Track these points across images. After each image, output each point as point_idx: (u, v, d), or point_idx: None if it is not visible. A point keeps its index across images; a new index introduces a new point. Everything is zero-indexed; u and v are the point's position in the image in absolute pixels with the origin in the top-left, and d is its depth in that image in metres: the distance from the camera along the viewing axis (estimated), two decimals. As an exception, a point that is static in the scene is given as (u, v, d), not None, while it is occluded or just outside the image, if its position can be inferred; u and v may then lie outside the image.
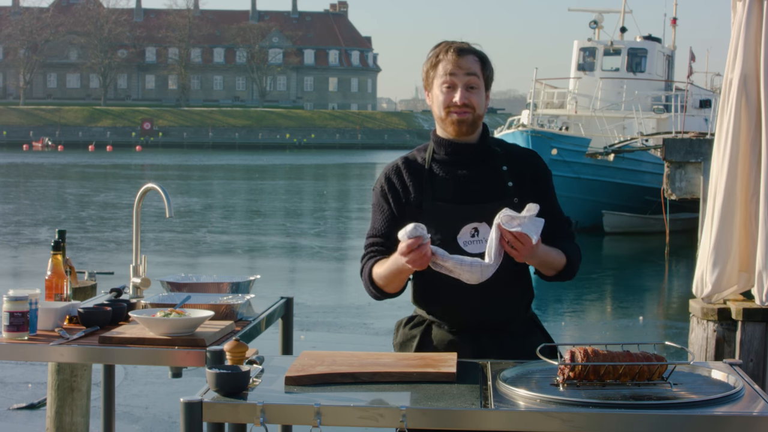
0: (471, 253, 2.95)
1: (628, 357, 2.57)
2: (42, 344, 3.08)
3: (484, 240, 2.96)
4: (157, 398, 7.22)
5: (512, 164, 3.08)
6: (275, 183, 38.16)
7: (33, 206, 25.95)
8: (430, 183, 3.05)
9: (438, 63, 3.05)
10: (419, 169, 3.08)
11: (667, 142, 17.42)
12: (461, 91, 3.01)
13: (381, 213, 3.09)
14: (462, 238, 3.00)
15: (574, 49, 27.80)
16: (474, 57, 3.05)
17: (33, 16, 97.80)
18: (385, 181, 3.10)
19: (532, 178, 3.09)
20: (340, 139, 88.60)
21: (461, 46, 3.05)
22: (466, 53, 3.04)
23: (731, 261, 4.94)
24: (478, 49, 3.10)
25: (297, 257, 16.77)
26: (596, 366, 2.53)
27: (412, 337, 3.11)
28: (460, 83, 3.01)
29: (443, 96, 3.03)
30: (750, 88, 4.88)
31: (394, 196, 3.07)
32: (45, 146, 74.37)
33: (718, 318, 5.04)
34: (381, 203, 3.09)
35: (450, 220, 3.00)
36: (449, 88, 3.02)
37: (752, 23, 4.87)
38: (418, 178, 3.06)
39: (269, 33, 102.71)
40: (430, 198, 3.02)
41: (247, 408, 2.41)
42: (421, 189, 3.04)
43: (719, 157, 5.02)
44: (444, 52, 3.04)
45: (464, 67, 3.01)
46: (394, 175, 3.09)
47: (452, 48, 3.04)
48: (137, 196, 3.86)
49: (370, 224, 3.13)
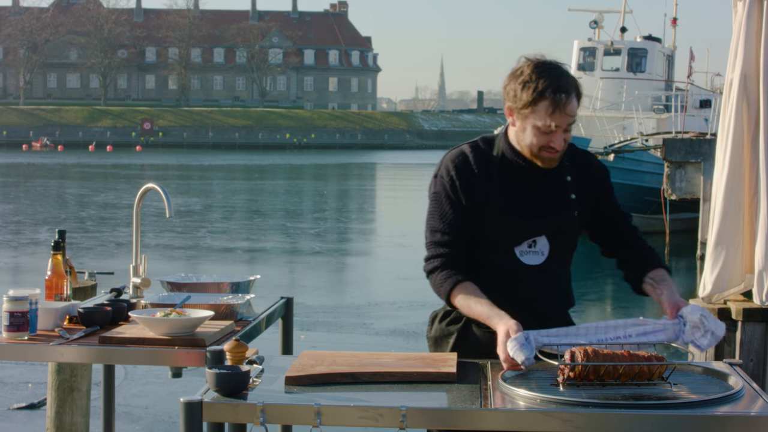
0: (527, 264, 2.98)
1: (628, 357, 2.57)
2: (42, 344, 3.08)
3: (540, 252, 2.99)
4: (157, 398, 7.22)
5: (575, 173, 3.04)
6: (275, 183, 38.16)
7: (33, 206, 25.96)
8: (498, 191, 2.96)
9: (540, 102, 2.84)
10: (488, 170, 2.98)
11: (667, 142, 17.44)
12: (559, 138, 2.90)
13: (451, 206, 2.96)
14: (519, 249, 3.00)
15: (574, 49, 27.81)
16: (575, 95, 2.88)
17: (33, 16, 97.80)
18: (455, 171, 2.97)
19: (593, 186, 3.07)
20: (340, 139, 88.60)
21: (567, 87, 2.85)
22: (570, 94, 2.86)
23: (733, 261, 4.94)
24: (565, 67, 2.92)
25: (297, 257, 16.76)
26: (596, 366, 2.53)
27: (449, 334, 3.05)
28: (563, 127, 2.88)
29: (538, 138, 2.90)
30: (750, 87, 4.88)
31: (463, 191, 2.96)
32: (43, 146, 74.36)
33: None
34: (450, 195, 2.96)
35: (513, 234, 2.98)
36: (548, 132, 2.88)
37: (752, 23, 4.87)
38: (487, 180, 2.97)
39: (269, 33, 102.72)
40: (496, 210, 2.95)
41: (247, 408, 2.41)
42: (488, 193, 2.96)
43: (720, 157, 5.02)
44: (551, 92, 2.83)
45: (569, 112, 2.86)
46: (464, 168, 2.97)
47: (561, 92, 2.83)
48: (137, 196, 3.86)
49: (437, 216, 2.97)
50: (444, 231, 2.96)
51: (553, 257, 3.02)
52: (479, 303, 2.86)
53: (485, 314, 2.83)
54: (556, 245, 3.02)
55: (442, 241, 2.96)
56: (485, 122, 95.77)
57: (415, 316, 10.87)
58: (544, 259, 3.01)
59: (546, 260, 3.01)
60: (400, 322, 10.54)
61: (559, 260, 3.04)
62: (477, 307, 2.86)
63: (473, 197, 2.96)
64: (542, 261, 3.00)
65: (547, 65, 2.88)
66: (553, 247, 3.01)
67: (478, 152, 3.01)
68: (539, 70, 2.86)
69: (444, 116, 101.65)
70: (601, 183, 3.09)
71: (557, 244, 3.02)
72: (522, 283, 2.99)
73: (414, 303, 11.70)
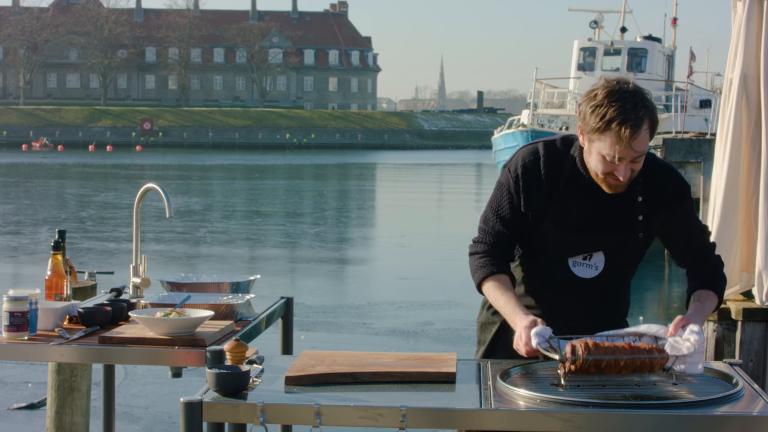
0: (578, 276, 2.95)
1: (629, 349, 2.56)
2: (42, 344, 3.08)
3: (595, 266, 2.95)
4: (157, 398, 7.21)
5: (649, 194, 2.93)
6: (275, 183, 38.15)
7: (33, 206, 25.95)
8: (560, 202, 2.92)
9: (606, 132, 2.74)
10: (555, 178, 2.92)
11: (667, 142, 17.46)
12: (627, 168, 2.78)
13: (509, 201, 2.95)
14: (573, 259, 2.97)
15: (574, 49, 27.82)
16: (646, 127, 2.74)
17: (33, 16, 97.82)
18: (522, 171, 2.93)
19: (668, 207, 2.95)
20: (340, 139, 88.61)
21: (637, 121, 2.71)
22: (639, 129, 2.71)
23: (732, 261, 4.94)
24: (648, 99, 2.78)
25: (297, 257, 16.76)
26: (597, 360, 2.52)
27: (493, 322, 3.08)
28: (628, 160, 2.77)
29: (603, 165, 2.80)
30: (750, 87, 4.88)
31: (526, 193, 2.93)
32: (43, 146, 74.36)
33: (718, 318, 5.04)
34: (512, 192, 2.94)
35: (569, 245, 2.95)
36: (612, 161, 2.78)
37: (752, 23, 4.86)
38: (551, 188, 2.92)
39: (269, 33, 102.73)
40: (556, 220, 2.92)
41: (247, 408, 2.41)
42: (550, 201, 2.92)
43: (720, 157, 5.02)
44: (618, 124, 2.71)
45: (636, 148, 2.73)
46: (532, 169, 2.92)
47: (627, 126, 2.70)
48: (137, 196, 3.86)
49: (495, 206, 2.97)
50: (495, 222, 2.97)
51: (608, 273, 2.97)
52: (505, 297, 2.87)
53: (508, 309, 2.84)
54: (613, 262, 2.97)
55: (492, 231, 2.97)
56: (485, 122, 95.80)
57: (415, 316, 10.87)
58: (598, 273, 2.97)
59: (599, 275, 2.97)
60: (400, 322, 10.53)
61: (614, 276, 2.99)
62: (501, 300, 2.88)
63: (533, 201, 2.93)
64: (595, 275, 2.96)
65: (623, 93, 2.75)
66: (610, 263, 2.96)
67: (552, 156, 2.94)
68: (612, 98, 2.74)
69: (444, 116, 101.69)
70: (674, 203, 2.96)
71: (615, 260, 2.97)
72: (569, 294, 2.97)
73: (414, 303, 11.70)
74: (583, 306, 2.97)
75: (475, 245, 3.01)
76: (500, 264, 2.95)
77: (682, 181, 2.99)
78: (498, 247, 2.96)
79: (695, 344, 2.61)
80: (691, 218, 3.01)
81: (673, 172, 2.99)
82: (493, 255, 2.96)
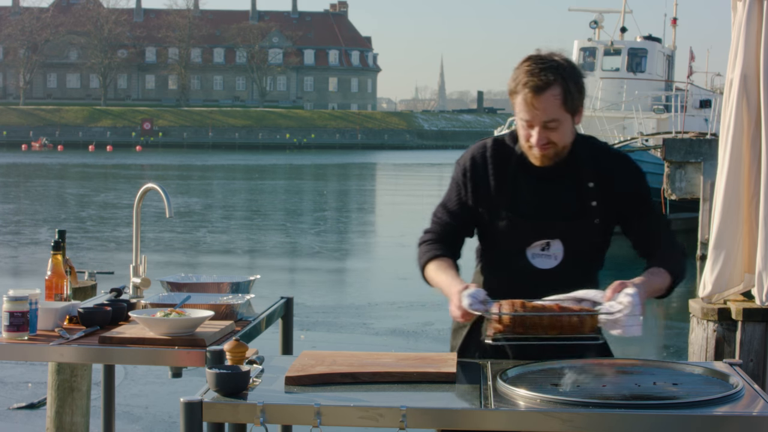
0: (538, 267, 2.95)
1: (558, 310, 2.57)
2: (42, 344, 3.08)
3: (554, 256, 2.94)
4: (157, 398, 7.22)
5: (601, 180, 2.94)
6: (275, 183, 38.15)
7: (33, 206, 25.95)
8: (512, 189, 2.95)
9: (516, 95, 2.84)
10: (504, 169, 2.96)
11: (667, 142, 17.45)
12: (539, 133, 2.83)
13: (457, 194, 3.01)
14: (531, 251, 2.96)
15: (574, 49, 27.81)
16: (554, 92, 2.79)
17: (33, 16, 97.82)
18: (470, 164, 3.00)
19: (624, 194, 2.96)
20: (340, 139, 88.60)
21: (538, 82, 2.77)
22: (543, 90, 2.78)
23: (733, 261, 4.94)
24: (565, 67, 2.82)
25: (297, 257, 16.76)
26: (522, 318, 2.53)
27: (463, 326, 3.08)
28: (537, 123, 2.82)
29: (523, 131, 2.88)
30: (750, 87, 4.88)
31: (473, 186, 2.98)
32: (42, 146, 74.35)
33: (718, 318, 5.04)
34: (460, 185, 3.01)
35: (524, 234, 2.95)
36: (528, 125, 2.85)
37: (752, 23, 4.87)
38: (502, 174, 2.96)
39: (269, 33, 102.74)
40: (507, 209, 2.94)
41: (247, 408, 2.41)
42: (502, 190, 2.95)
43: (721, 157, 5.02)
44: (522, 84, 2.80)
45: (540, 108, 2.79)
46: (481, 163, 2.98)
47: (528, 86, 2.78)
48: (137, 196, 3.86)
49: (445, 198, 3.05)
50: (443, 214, 3.04)
51: (568, 262, 2.96)
52: (444, 274, 2.91)
53: (446, 284, 2.87)
54: (572, 250, 2.96)
55: (439, 222, 3.05)
56: (485, 122, 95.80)
57: (415, 316, 10.87)
58: (558, 263, 2.96)
59: (559, 264, 2.96)
60: (400, 322, 10.54)
61: (576, 265, 2.97)
62: (440, 278, 2.91)
63: (483, 193, 2.97)
64: (555, 265, 2.96)
65: (538, 59, 2.82)
66: (569, 252, 2.96)
67: (500, 149, 2.99)
68: (526, 62, 2.83)
69: (444, 116, 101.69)
70: (627, 191, 2.97)
71: (573, 249, 2.96)
72: (531, 286, 2.94)
73: (414, 303, 11.70)
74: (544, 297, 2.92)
75: (423, 236, 3.07)
76: (444, 249, 2.99)
77: (636, 170, 3.01)
78: (444, 236, 3.02)
79: (628, 306, 2.57)
80: (647, 208, 3.01)
81: (625, 160, 3.01)
82: (438, 242, 3.02)
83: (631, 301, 2.59)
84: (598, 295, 2.68)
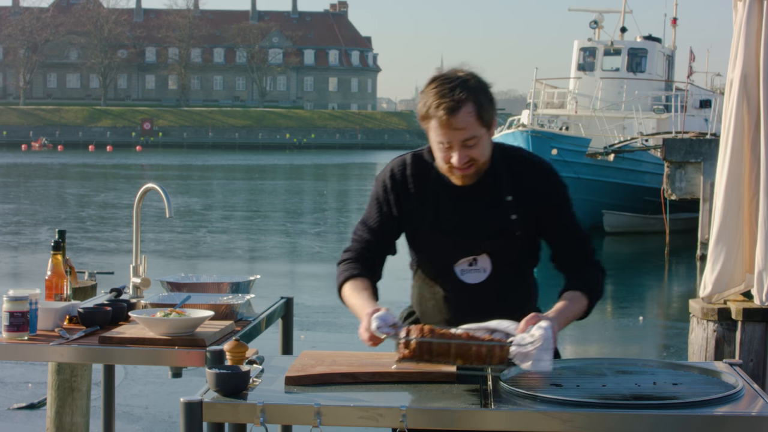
0: (468, 282, 2.93)
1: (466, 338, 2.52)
2: (42, 344, 3.08)
3: (482, 269, 2.92)
4: (157, 398, 7.21)
5: (519, 191, 2.88)
6: (275, 183, 38.15)
7: (33, 206, 25.95)
8: (434, 207, 2.91)
9: (430, 118, 2.76)
10: (424, 185, 2.91)
11: (667, 142, 17.44)
12: (459, 153, 2.77)
13: (378, 210, 2.96)
14: (459, 267, 2.94)
15: (574, 49, 27.81)
16: (468, 109, 2.72)
17: (33, 16, 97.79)
18: (390, 178, 2.94)
19: (541, 205, 2.90)
20: (340, 139, 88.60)
21: (451, 103, 2.71)
22: (457, 110, 2.71)
23: (733, 261, 4.94)
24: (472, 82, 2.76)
25: (297, 257, 16.76)
26: (430, 344, 2.49)
27: None
28: (456, 144, 2.76)
29: (441, 153, 2.80)
30: (750, 87, 4.89)
31: (395, 198, 2.93)
32: (42, 146, 74.34)
33: (718, 318, 5.04)
34: (380, 200, 2.95)
35: (450, 251, 2.92)
36: (446, 148, 2.78)
37: (752, 23, 4.87)
38: (422, 192, 2.92)
39: (269, 33, 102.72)
40: (429, 226, 2.91)
41: (247, 408, 2.41)
42: (423, 209, 2.91)
43: (721, 157, 5.02)
44: (435, 107, 2.73)
45: (457, 127, 2.73)
46: (399, 176, 2.93)
47: (442, 108, 2.71)
48: (137, 196, 3.86)
49: (365, 217, 3.00)
50: (364, 232, 2.99)
51: (497, 274, 2.93)
52: (359, 295, 2.87)
53: (359, 306, 2.83)
54: (500, 263, 2.93)
55: (359, 240, 2.99)
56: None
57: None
58: (486, 276, 2.93)
59: (489, 277, 2.93)
60: (400, 322, 10.52)
61: (506, 276, 2.95)
62: (354, 299, 2.88)
63: (405, 210, 2.93)
64: (484, 278, 2.93)
65: (444, 78, 2.75)
66: (497, 264, 2.93)
67: (418, 164, 2.93)
68: (433, 84, 2.76)
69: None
70: (545, 202, 2.90)
71: (501, 261, 2.93)
72: (463, 302, 2.94)
73: (414, 303, 11.68)
74: (480, 313, 2.89)
75: (342, 254, 3.02)
76: (363, 269, 2.94)
77: (554, 181, 2.93)
78: (364, 255, 2.97)
79: (539, 339, 2.53)
80: (566, 219, 2.94)
81: (543, 171, 2.93)
82: (358, 261, 2.96)
83: (543, 334, 2.54)
84: (512, 327, 2.62)
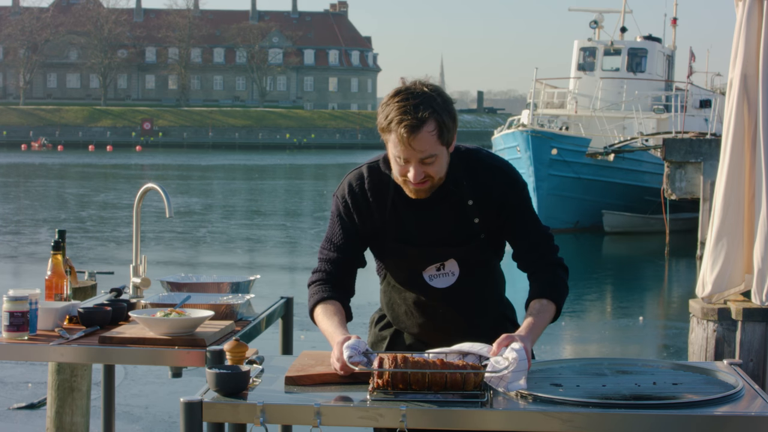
0: (437, 287, 2.93)
1: (440, 365, 2.46)
2: (42, 344, 3.08)
3: (450, 273, 2.92)
4: (157, 398, 7.21)
5: (478, 195, 2.87)
6: (275, 183, 38.16)
7: (33, 206, 25.95)
8: (395, 219, 2.90)
9: (390, 132, 2.73)
10: (383, 197, 2.90)
11: (667, 142, 17.43)
12: (415, 169, 2.74)
13: (341, 226, 2.94)
14: (427, 273, 2.94)
15: (574, 49, 27.80)
16: (429, 129, 2.69)
17: (33, 16, 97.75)
18: (349, 194, 2.92)
19: (499, 206, 2.89)
20: (340, 139, 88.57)
21: (413, 121, 2.67)
22: (418, 129, 2.68)
23: (733, 261, 4.93)
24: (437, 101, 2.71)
25: (297, 257, 16.76)
26: (404, 374, 2.44)
27: (382, 339, 3.10)
28: (414, 160, 2.73)
29: (398, 167, 2.78)
30: (750, 87, 4.88)
31: (357, 213, 2.92)
32: (42, 146, 74.32)
33: (718, 318, 5.04)
34: (342, 216, 2.93)
35: (416, 260, 2.93)
36: (404, 163, 2.76)
37: (752, 23, 4.87)
38: (382, 205, 2.90)
39: (269, 33, 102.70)
40: (393, 238, 2.91)
41: (247, 408, 2.41)
42: (384, 221, 2.90)
43: (722, 157, 5.02)
44: (396, 123, 2.70)
45: (417, 146, 2.70)
46: (358, 189, 2.91)
47: (403, 126, 2.68)
48: (137, 196, 3.86)
49: (329, 231, 2.96)
50: (330, 250, 2.95)
51: (466, 277, 2.94)
52: (330, 320, 2.83)
53: (330, 331, 2.80)
54: (467, 266, 2.94)
55: (327, 259, 2.96)
56: (485, 122, 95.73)
57: (415, 316, 10.85)
58: (455, 279, 2.94)
59: (458, 280, 2.94)
60: (400, 322, 10.52)
61: (475, 277, 2.96)
62: (325, 324, 2.84)
63: (368, 224, 2.92)
64: (453, 282, 2.94)
65: (409, 93, 2.72)
66: (464, 267, 2.94)
67: (375, 176, 2.92)
68: (397, 97, 2.72)
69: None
70: (503, 203, 2.89)
71: (468, 264, 2.94)
72: (434, 306, 2.96)
73: (414, 303, 11.68)
74: (451, 314, 2.93)
75: (312, 276, 2.99)
76: (333, 291, 2.91)
77: (511, 180, 2.91)
78: (333, 275, 2.94)
79: (513, 362, 2.51)
80: (526, 218, 2.93)
81: (500, 173, 2.91)
82: (328, 282, 2.94)
83: (517, 357, 2.53)
84: (484, 349, 2.61)
